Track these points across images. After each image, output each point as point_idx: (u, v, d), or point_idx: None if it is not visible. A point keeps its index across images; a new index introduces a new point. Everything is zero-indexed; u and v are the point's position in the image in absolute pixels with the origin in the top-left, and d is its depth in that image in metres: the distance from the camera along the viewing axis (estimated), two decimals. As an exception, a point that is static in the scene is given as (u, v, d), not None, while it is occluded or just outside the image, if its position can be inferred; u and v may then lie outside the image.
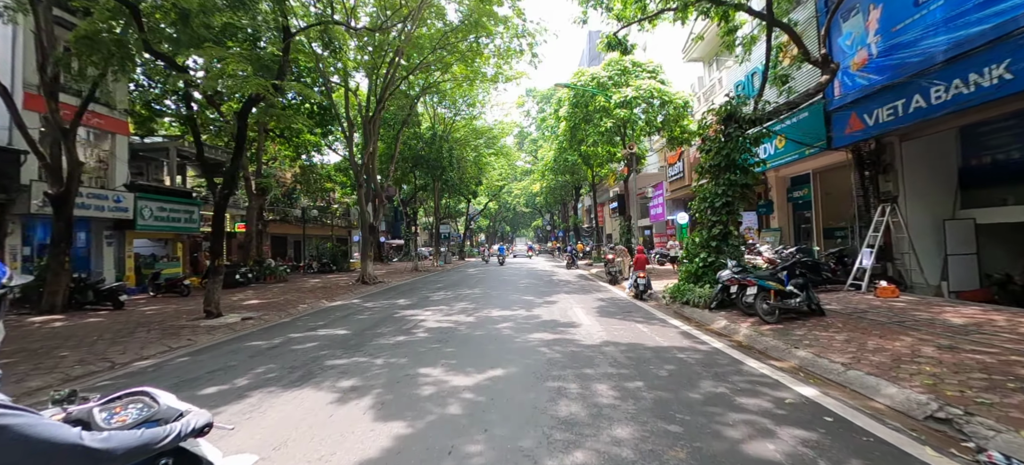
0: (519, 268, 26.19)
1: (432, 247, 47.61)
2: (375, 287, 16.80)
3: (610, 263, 15.25)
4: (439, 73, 21.59)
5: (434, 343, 6.44)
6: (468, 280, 18.31)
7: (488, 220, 76.08)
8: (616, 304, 10.37)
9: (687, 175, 20.46)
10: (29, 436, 0.95)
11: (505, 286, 15.04)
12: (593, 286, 14.69)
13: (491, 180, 41.22)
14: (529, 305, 10.23)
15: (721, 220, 9.61)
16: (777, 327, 6.74)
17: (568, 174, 29.43)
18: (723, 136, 9.80)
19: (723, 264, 9.51)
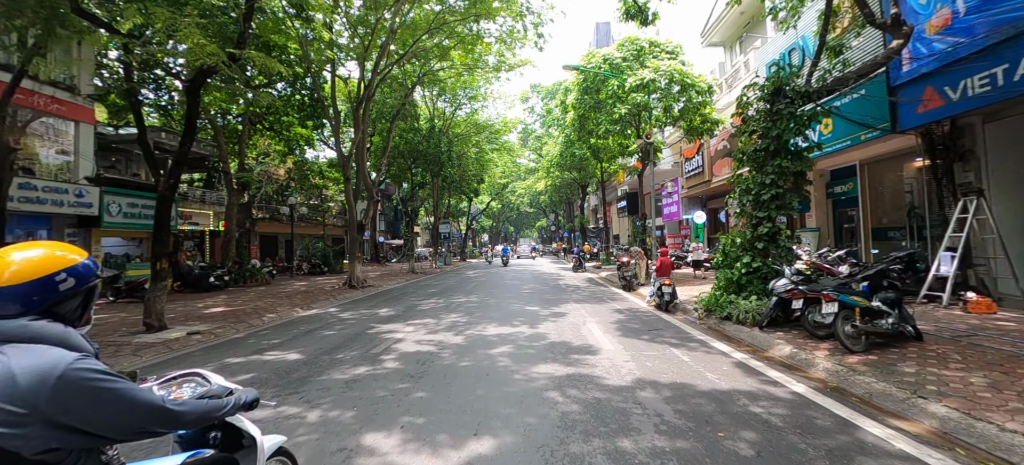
0: (522, 271, 24.46)
1: (433, 248, 45.99)
2: (361, 292, 15.13)
3: (624, 267, 13.51)
4: (437, 61, 19.94)
5: (402, 380, 4.73)
6: (466, 284, 16.61)
7: (491, 220, 74.48)
8: (638, 318, 8.62)
9: (706, 169, 18.65)
10: (131, 397, 1.17)
11: (506, 292, 13.32)
12: (606, 293, 12.94)
13: (494, 177, 39.51)
14: (533, 319, 8.50)
15: (769, 216, 7.84)
16: (870, 359, 4.98)
17: (575, 171, 27.69)
18: (770, 115, 8.04)
19: (772, 270, 7.75)
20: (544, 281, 17.08)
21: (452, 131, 30.89)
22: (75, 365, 1.09)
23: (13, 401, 1.03)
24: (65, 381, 1.07)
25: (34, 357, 1.08)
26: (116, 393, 1.13)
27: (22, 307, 1.15)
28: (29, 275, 1.16)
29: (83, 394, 1.09)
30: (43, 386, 1.05)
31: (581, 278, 18.38)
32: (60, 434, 1.08)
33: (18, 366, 1.05)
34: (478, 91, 29.35)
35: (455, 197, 42.11)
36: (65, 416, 1.07)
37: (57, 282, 1.19)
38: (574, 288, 14.31)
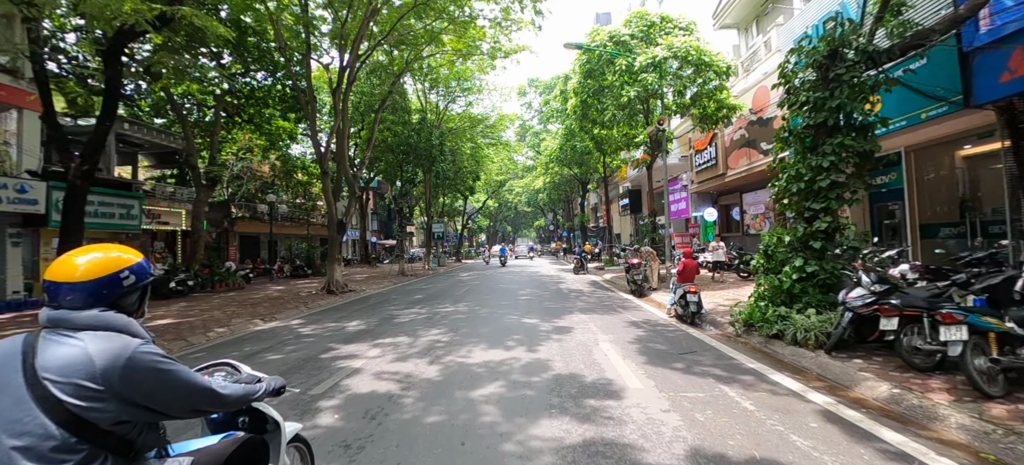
0: (519, 272, 22.85)
1: (426, 248, 44.32)
2: (338, 299, 13.50)
3: (634, 269, 11.93)
4: (428, 47, 18.34)
5: (336, 444, 3.11)
6: (456, 288, 15.00)
7: (488, 220, 72.95)
8: (661, 333, 7.03)
9: (720, 162, 17.08)
10: (186, 379, 1.33)
11: (500, 299, 11.72)
12: (615, 300, 11.35)
13: (490, 174, 37.88)
14: (532, 336, 6.89)
15: (828, 208, 6.27)
16: (1020, 409, 3.40)
17: (575, 166, 26.10)
18: (824, 83, 6.47)
19: (834, 276, 6.19)
20: (543, 285, 15.48)
21: (445, 125, 29.31)
22: (141, 349, 1.27)
23: (92, 379, 1.19)
24: (133, 362, 1.23)
25: (106, 342, 1.24)
26: (174, 374, 1.30)
27: (93, 300, 1.30)
28: (98, 272, 1.31)
29: (148, 374, 1.25)
30: (115, 366, 1.21)
31: (584, 281, 16.79)
32: (129, 409, 1.24)
33: (94, 349, 1.22)
34: (473, 83, 27.77)
35: (450, 196, 40.47)
36: (133, 393, 1.23)
37: (122, 279, 1.35)
38: (578, 293, 12.72)
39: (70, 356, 1.20)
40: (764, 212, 16.52)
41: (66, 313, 1.26)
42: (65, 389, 1.16)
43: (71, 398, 1.16)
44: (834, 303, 6.14)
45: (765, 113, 14.10)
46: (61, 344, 1.22)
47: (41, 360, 1.19)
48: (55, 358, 1.20)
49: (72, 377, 1.17)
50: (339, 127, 15.00)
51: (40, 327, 1.28)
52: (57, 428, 1.14)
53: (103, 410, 1.19)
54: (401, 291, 15.29)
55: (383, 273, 24.06)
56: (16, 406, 1.15)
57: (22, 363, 1.20)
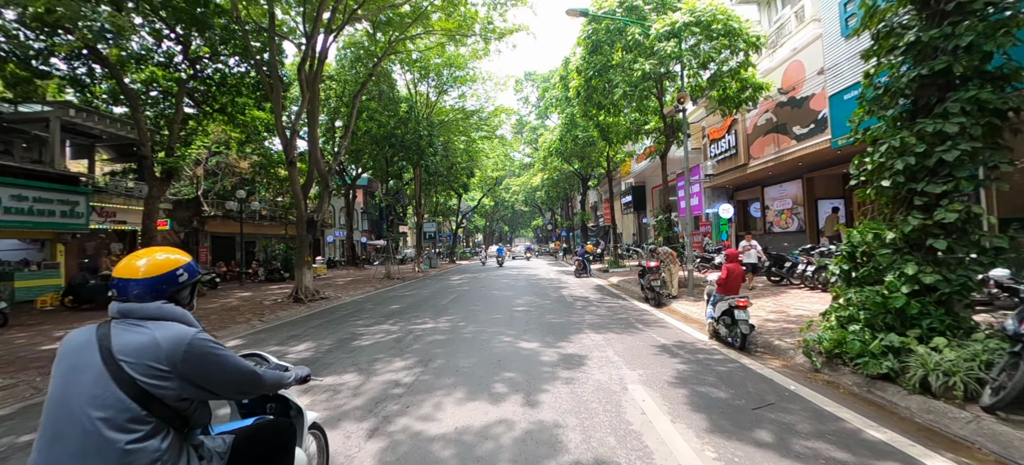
0: (516, 275, 20.94)
1: (427, 249, 42.42)
2: (304, 308, 11.57)
3: (652, 274, 10.02)
4: (415, 26, 16.44)
5: None
6: (443, 295, 13.08)
7: (484, 219, 71.12)
8: (709, 367, 5.12)
9: (741, 151, 15.21)
10: (234, 363, 1.55)
11: (491, 310, 9.81)
12: (629, 311, 9.45)
13: (485, 170, 35.92)
14: (531, 373, 4.98)
15: (957, 187, 4.38)
16: None
17: (576, 160, 24.19)
18: (937, 17, 4.61)
19: (966, 289, 4.31)
20: (543, 290, 13.58)
21: (436, 116, 27.39)
22: (198, 336, 1.47)
23: (159, 361, 1.38)
24: (192, 347, 1.43)
25: (169, 330, 1.43)
26: (225, 359, 1.52)
27: (154, 294, 1.50)
28: (158, 271, 1.52)
29: (204, 358, 1.46)
30: (178, 350, 1.41)
31: (588, 286, 14.88)
32: (189, 388, 1.44)
33: (160, 336, 1.41)
34: (466, 72, 25.86)
35: (443, 193, 38.52)
36: (192, 374, 1.43)
37: (177, 276, 1.57)
38: (584, 302, 10.82)
39: (140, 341, 1.40)
40: (792, 207, 14.67)
41: (133, 305, 1.47)
42: (137, 369, 1.36)
43: (143, 377, 1.36)
44: (970, 329, 4.27)
45: (799, 92, 12.24)
46: (132, 331, 1.42)
47: (116, 344, 1.39)
48: (128, 343, 1.39)
49: (143, 359, 1.37)
50: (306, 107, 13.03)
51: (110, 317, 1.49)
52: (132, 402, 1.34)
53: (168, 388, 1.39)
54: (380, 298, 13.36)
55: (368, 276, 22.10)
56: (97, 383, 1.34)
57: (99, 347, 1.39)
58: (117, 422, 1.31)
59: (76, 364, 1.38)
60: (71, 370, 1.38)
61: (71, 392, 1.35)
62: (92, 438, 1.29)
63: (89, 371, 1.35)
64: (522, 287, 14.64)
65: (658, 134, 14.36)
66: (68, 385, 1.36)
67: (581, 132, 18.86)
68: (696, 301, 9.67)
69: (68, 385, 1.36)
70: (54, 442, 1.31)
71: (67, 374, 1.38)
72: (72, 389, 1.35)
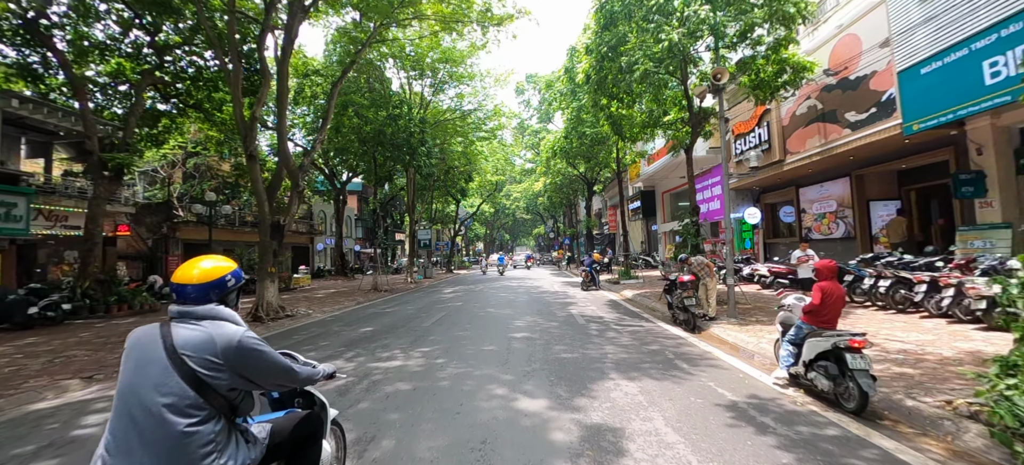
0: (516, 287, 18.91)
1: (421, 258, 40.42)
2: (260, 329, 9.55)
3: (683, 290, 7.97)
4: (403, 10, 14.64)
5: None
6: (428, 313, 11.06)
7: (485, 228, 69.25)
8: (828, 455, 3.07)
9: (776, 146, 13.23)
10: (275, 359, 1.74)
11: (483, 336, 7.78)
12: (659, 338, 7.40)
13: (484, 175, 33.99)
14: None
15: None
16: None
17: (581, 161, 22.24)
18: None
19: None
20: (547, 307, 11.54)
21: (431, 116, 25.53)
22: (246, 335, 1.66)
23: (214, 355, 1.58)
24: (242, 345, 1.63)
25: (222, 328, 1.63)
26: (268, 355, 1.71)
27: (206, 297, 1.70)
28: (210, 277, 1.72)
29: (251, 353, 1.65)
30: (230, 347, 1.60)
31: (599, 301, 12.84)
32: (238, 379, 1.63)
33: (215, 334, 1.61)
34: (464, 70, 24.02)
35: (440, 200, 36.57)
36: (241, 367, 1.63)
37: (226, 281, 1.78)
38: (600, 325, 8.77)
39: (198, 338, 1.59)
40: (835, 210, 12.64)
41: (190, 307, 1.66)
42: (196, 362, 1.55)
43: (201, 368, 1.55)
44: None
45: (853, 71, 10.27)
46: (191, 329, 1.62)
47: (178, 341, 1.57)
48: (188, 339, 1.58)
49: (201, 353, 1.57)
50: (267, 93, 11.12)
51: (169, 317, 1.68)
52: (191, 390, 1.53)
53: (221, 379, 1.59)
54: (355, 316, 11.34)
55: (354, 288, 20.09)
56: (162, 373, 1.52)
57: (163, 343, 1.57)
58: (179, 407, 1.50)
59: (144, 357, 1.57)
60: (139, 362, 1.57)
61: (140, 381, 1.54)
62: (158, 420, 1.48)
63: (155, 363, 1.55)
64: (523, 303, 12.59)
65: (678, 126, 12.36)
66: (137, 375, 1.55)
67: (589, 128, 16.94)
68: (741, 325, 7.62)
69: (137, 375, 1.55)
70: (126, 423, 1.50)
71: (136, 366, 1.57)
72: (141, 378, 1.54)
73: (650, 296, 12.91)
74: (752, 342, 6.41)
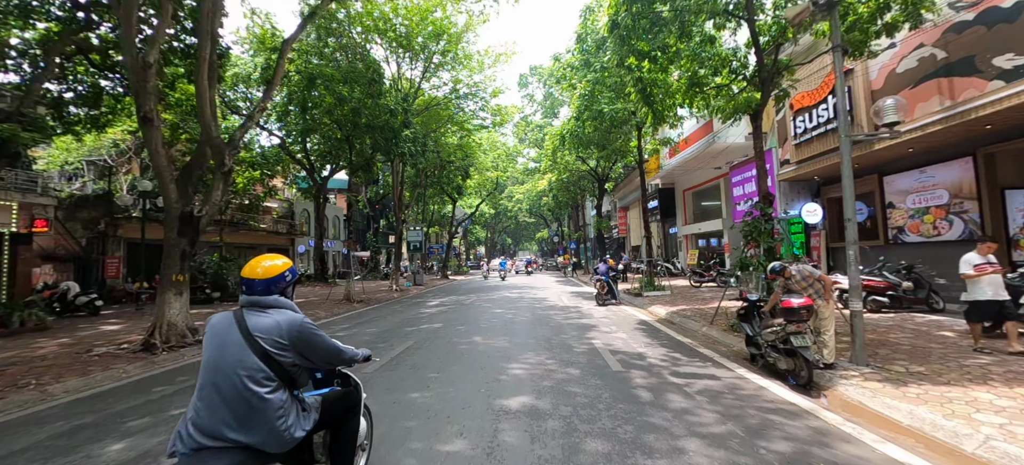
0: (516, 299, 15.71)
1: (411, 263, 37.32)
2: (140, 365, 6.41)
3: (792, 320, 4.78)
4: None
5: None
6: (387, 345, 7.88)
7: (486, 230, 66.14)
8: None
9: (862, 117, 9.98)
10: (327, 341, 2.11)
11: (454, 405, 4.63)
12: (758, 405, 4.23)
13: (483, 166, 30.78)
14: None
15: None
16: None
17: (595, 151, 19.07)
18: None
19: None
20: (558, 333, 8.35)
21: (421, 103, 22.47)
22: (305, 320, 2.02)
23: (280, 337, 1.93)
24: (302, 329, 1.99)
25: (285, 315, 1.99)
26: (323, 338, 2.09)
27: (269, 290, 2.05)
28: (271, 273, 2.07)
29: (309, 337, 2.01)
30: (293, 330, 1.97)
31: (627, 324, 9.62)
32: (298, 357, 1.99)
33: (280, 320, 1.97)
34: (461, 50, 20.97)
35: (435, 200, 33.46)
36: (301, 347, 1.99)
37: (284, 277, 2.11)
38: (645, 373, 5.57)
39: (268, 324, 1.95)
40: (948, 202, 9.38)
41: (258, 298, 2.03)
42: (267, 342, 1.91)
43: (270, 348, 1.91)
44: None
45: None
46: (260, 316, 1.98)
47: (251, 325, 1.93)
48: (259, 324, 1.94)
49: (270, 335, 1.92)
50: (159, 37, 8.00)
51: (240, 306, 2.03)
52: (263, 364, 1.88)
53: (286, 356, 1.94)
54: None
55: (325, 298, 16.94)
56: (241, 351, 1.88)
57: (239, 327, 1.94)
58: (255, 379, 1.85)
59: (223, 339, 1.92)
60: (221, 343, 1.91)
61: (223, 357, 1.88)
62: (239, 389, 1.83)
63: (234, 344, 1.89)
64: (524, 326, 9.37)
65: (729, 94, 9.08)
66: (220, 353, 1.89)
67: (606, 104, 13.78)
68: (892, 382, 4.38)
69: (220, 353, 1.89)
70: (211, 391, 1.85)
71: (218, 346, 1.91)
72: (223, 356, 1.88)
73: (693, 315, 9.69)
74: (948, 425, 3.23)
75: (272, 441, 1.86)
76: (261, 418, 1.84)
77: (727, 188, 19.60)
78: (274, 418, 1.86)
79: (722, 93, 9.12)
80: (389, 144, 16.17)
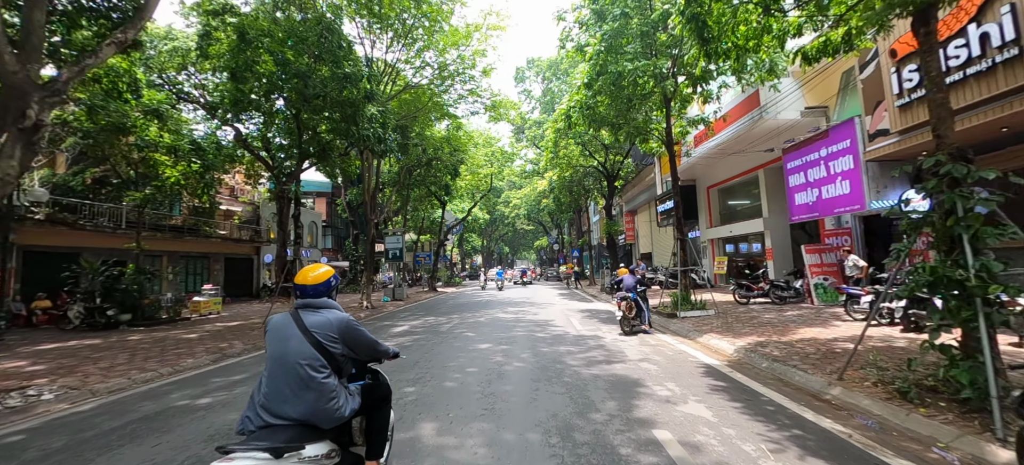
0: (512, 322, 12.12)
1: (393, 273, 33.58)
2: None
3: None
4: None
5: None
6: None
7: (482, 239, 62.52)
8: None
9: None
10: (369, 337, 2.46)
11: None
12: None
13: (474, 164, 27.17)
14: None
15: None
16: None
17: (608, 132, 15.55)
18: None
19: None
20: (584, 410, 4.75)
21: (399, 84, 19.05)
22: (350, 318, 2.38)
23: (332, 331, 2.28)
24: (349, 325, 2.35)
25: (335, 314, 2.35)
26: (365, 333, 2.44)
27: (319, 293, 2.39)
28: (320, 280, 2.42)
29: (355, 332, 2.37)
30: (342, 326, 2.32)
31: (689, 375, 6.02)
32: (347, 349, 2.35)
33: (331, 317, 2.32)
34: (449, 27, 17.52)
35: (423, 204, 29.86)
36: (348, 340, 2.34)
37: (330, 284, 2.46)
38: None
39: (321, 321, 2.30)
40: None
41: (311, 300, 2.37)
42: (321, 336, 2.25)
43: (324, 340, 2.25)
44: None
45: None
46: (315, 315, 2.32)
47: (308, 322, 2.27)
48: (314, 321, 2.28)
49: (324, 330, 2.27)
50: None
51: (296, 307, 2.36)
52: (319, 354, 2.23)
53: (337, 348, 2.29)
54: (132, 409, 4.53)
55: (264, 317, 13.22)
56: (300, 344, 2.22)
57: (297, 324, 2.27)
58: (313, 366, 2.19)
59: (284, 334, 2.26)
60: (282, 338, 2.25)
61: (285, 349, 2.22)
62: (300, 375, 2.17)
63: (294, 338, 2.24)
64: (520, 385, 5.68)
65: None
66: (282, 346, 2.23)
67: (629, 60, 10.26)
68: None
69: (282, 346, 2.23)
70: (277, 377, 2.20)
71: (281, 340, 2.25)
72: (286, 348, 2.22)
73: (785, 356, 6.07)
74: None
75: (325, 418, 2.21)
76: (317, 398, 2.19)
77: (771, 181, 16.11)
78: (327, 398, 2.21)
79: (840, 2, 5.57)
80: (348, 124, 12.60)
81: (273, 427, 2.09)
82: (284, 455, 1.97)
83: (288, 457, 1.98)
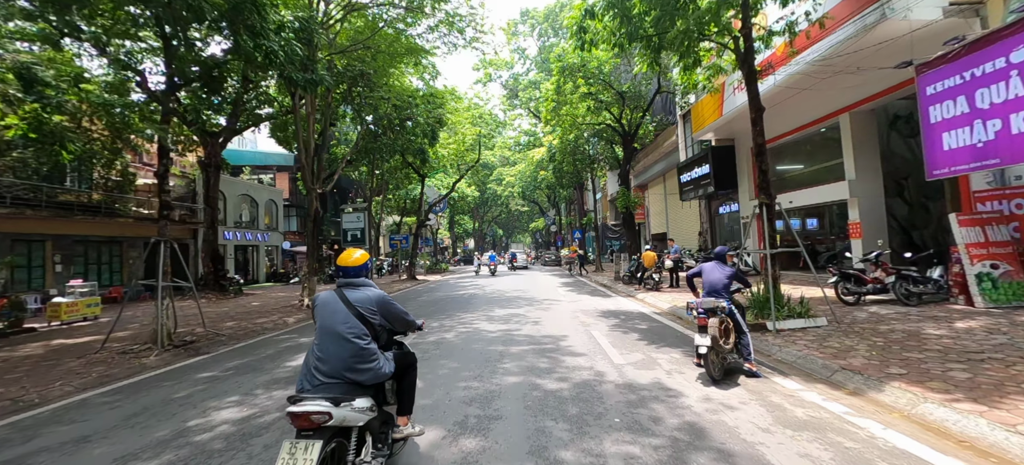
0: (502, 338, 7.82)
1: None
2: None
3: None
4: None
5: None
6: None
7: (474, 221, 57.92)
8: None
9: None
10: (400, 310, 2.94)
11: None
12: None
13: (456, 125, 22.35)
14: None
15: None
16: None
17: (643, 56, 10.81)
18: None
19: None
20: None
21: (354, 17, 14.34)
22: (385, 294, 2.85)
23: (372, 305, 2.76)
24: (385, 299, 2.82)
25: (373, 290, 2.83)
26: (398, 306, 2.90)
27: (358, 274, 2.87)
28: (359, 262, 2.88)
29: (389, 304, 2.84)
30: (380, 300, 2.80)
31: None
32: (383, 319, 2.82)
33: (371, 294, 2.80)
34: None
35: (395, 173, 25.12)
36: (384, 313, 2.82)
37: (367, 266, 2.94)
38: None
39: (362, 296, 2.76)
40: None
41: (351, 279, 2.84)
42: (363, 308, 2.72)
43: (365, 312, 2.71)
44: None
45: None
46: (356, 291, 2.79)
47: (351, 297, 2.74)
48: (356, 296, 2.75)
49: (365, 304, 2.73)
50: None
51: (338, 286, 2.84)
52: (362, 325, 2.69)
53: (376, 319, 2.76)
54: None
55: (183, 323, 8.78)
56: (346, 316, 2.67)
57: (342, 299, 2.74)
58: (357, 333, 2.65)
59: (331, 309, 2.71)
60: (330, 312, 2.70)
61: (333, 321, 2.66)
62: (346, 341, 2.63)
63: (340, 311, 2.68)
64: None
65: None
66: (330, 318, 2.68)
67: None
68: None
69: (330, 318, 2.68)
70: (327, 344, 2.64)
71: (330, 314, 2.70)
72: (334, 320, 2.66)
73: None
74: None
75: (370, 375, 2.66)
76: (362, 360, 2.64)
77: (861, 128, 11.70)
78: (370, 359, 2.67)
79: None
80: (235, 27, 7.89)
81: (327, 384, 2.57)
82: (340, 403, 2.46)
83: (343, 406, 2.47)
